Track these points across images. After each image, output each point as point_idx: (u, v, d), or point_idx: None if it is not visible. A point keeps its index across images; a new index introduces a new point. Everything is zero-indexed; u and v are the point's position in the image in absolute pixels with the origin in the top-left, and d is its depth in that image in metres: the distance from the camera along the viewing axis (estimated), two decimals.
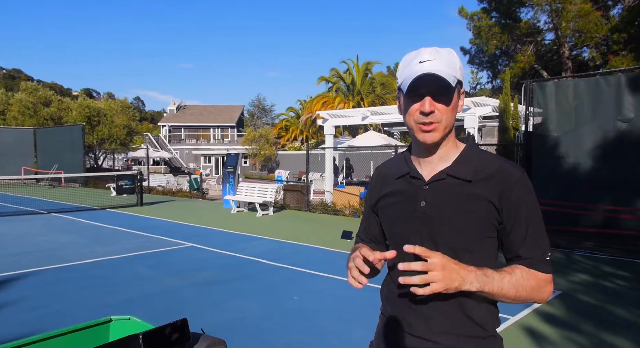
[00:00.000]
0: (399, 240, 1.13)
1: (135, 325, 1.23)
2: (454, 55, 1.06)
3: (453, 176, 1.07)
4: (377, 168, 1.30)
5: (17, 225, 8.87)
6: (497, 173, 1.05)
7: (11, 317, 3.74)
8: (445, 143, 1.10)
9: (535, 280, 1.03)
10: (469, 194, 1.05)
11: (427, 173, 1.11)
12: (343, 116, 12.81)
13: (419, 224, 1.08)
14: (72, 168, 19.01)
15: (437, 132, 1.05)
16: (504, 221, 1.04)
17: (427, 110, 1.03)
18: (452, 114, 1.06)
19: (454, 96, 1.05)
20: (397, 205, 1.14)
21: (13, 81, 66.41)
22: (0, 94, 26.67)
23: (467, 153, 1.10)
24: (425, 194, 1.09)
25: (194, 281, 4.92)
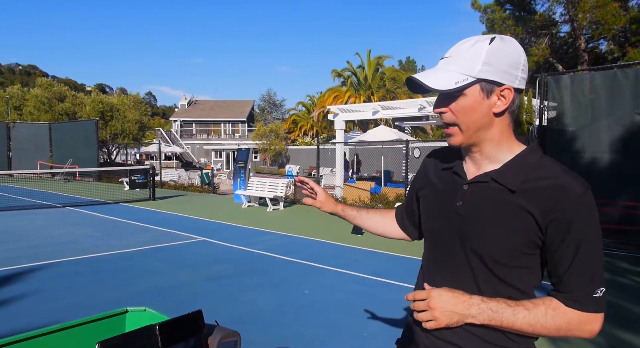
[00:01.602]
0: (431, 234, 1.11)
1: (151, 316, 1.24)
2: (483, 47, 0.92)
3: (497, 181, 0.97)
4: (431, 152, 1.23)
5: (34, 218, 9.04)
6: (552, 187, 0.90)
7: (31, 307, 3.83)
8: (486, 144, 0.99)
9: (566, 319, 0.91)
10: (509, 204, 0.93)
11: (472, 171, 1.03)
12: (354, 111, 12.76)
13: (452, 223, 1.02)
14: (86, 162, 19.31)
15: (455, 135, 0.99)
16: (548, 242, 0.92)
17: (434, 112, 1.02)
18: (472, 116, 0.95)
19: (470, 96, 0.94)
20: (435, 198, 1.10)
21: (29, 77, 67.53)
22: (17, 89, 27.13)
23: (522, 159, 0.97)
24: (463, 193, 1.01)
25: (206, 275, 4.97)
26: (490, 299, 0.94)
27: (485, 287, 0.98)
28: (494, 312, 0.92)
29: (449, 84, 0.93)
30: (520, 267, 0.95)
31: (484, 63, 0.92)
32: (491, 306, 0.92)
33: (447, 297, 0.94)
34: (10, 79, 66.79)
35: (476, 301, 0.93)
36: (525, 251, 0.93)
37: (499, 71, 0.93)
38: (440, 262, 1.06)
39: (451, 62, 0.96)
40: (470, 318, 0.93)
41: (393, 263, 5.57)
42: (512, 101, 0.95)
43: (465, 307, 0.93)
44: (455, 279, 1.01)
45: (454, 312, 0.93)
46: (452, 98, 0.96)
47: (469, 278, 0.99)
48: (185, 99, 45.66)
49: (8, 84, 39.08)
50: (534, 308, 0.92)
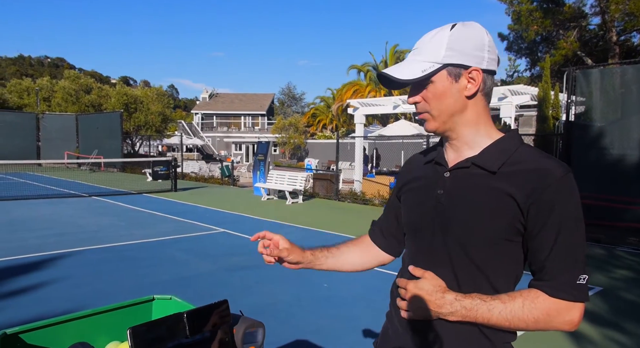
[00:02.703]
0: (412, 228, 1.08)
1: (176, 304, 1.27)
2: (445, 32, 0.94)
3: (478, 166, 0.96)
4: (410, 156, 1.24)
5: (62, 207, 9.35)
6: (532, 169, 0.90)
7: (58, 293, 3.97)
8: (463, 128, 0.98)
9: (545, 309, 0.87)
10: (490, 188, 0.92)
11: (452, 159, 1.02)
12: (374, 105, 12.66)
13: (432, 214, 1.00)
14: (111, 153, 19.79)
15: (430, 121, 0.99)
16: (529, 226, 0.89)
17: (409, 102, 1.02)
18: (445, 101, 0.96)
19: (438, 82, 0.95)
20: (417, 191, 1.07)
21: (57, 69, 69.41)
22: (46, 81, 27.95)
23: (502, 144, 0.97)
24: (444, 182, 1.00)
25: (226, 266, 5.05)
26: (465, 296, 0.91)
27: (463, 279, 0.95)
28: (467, 309, 0.90)
29: (416, 74, 0.95)
30: (502, 256, 0.93)
31: (447, 48, 0.93)
32: (465, 304, 0.90)
33: (425, 292, 0.93)
34: (39, 71, 68.88)
35: (449, 300, 0.91)
36: (507, 238, 0.91)
37: (464, 54, 0.93)
38: (422, 255, 1.03)
39: (418, 53, 0.97)
40: (443, 315, 0.92)
41: None
42: (483, 82, 0.95)
43: (438, 306, 0.92)
44: (437, 271, 0.98)
45: (427, 309, 0.93)
46: (422, 87, 0.97)
47: (447, 270, 0.97)
48: (207, 92, 46.18)
49: (37, 76, 40.31)
50: (511, 301, 0.89)
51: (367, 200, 11.08)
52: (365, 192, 11.65)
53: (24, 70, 73.77)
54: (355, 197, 11.45)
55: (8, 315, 3.43)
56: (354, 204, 10.97)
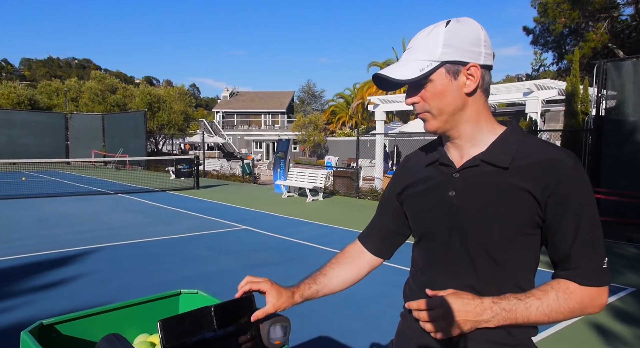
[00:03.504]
0: (424, 233, 1.03)
1: (202, 298, 1.29)
2: (440, 30, 0.92)
3: (488, 163, 0.94)
4: (406, 156, 1.18)
5: (90, 204, 9.64)
6: (542, 161, 0.89)
7: (87, 287, 4.10)
8: (464, 127, 0.96)
9: (578, 298, 0.88)
10: (505, 184, 0.91)
11: (458, 159, 1.00)
12: (395, 102, 12.54)
13: (447, 216, 0.97)
14: (136, 151, 20.27)
15: (430, 121, 0.97)
16: (548, 219, 0.89)
17: (407, 103, 0.99)
18: (444, 100, 0.93)
19: (437, 80, 0.93)
20: (424, 194, 1.03)
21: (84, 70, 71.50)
22: (74, 82, 28.85)
23: (507, 137, 0.96)
24: (454, 182, 0.97)
25: (248, 262, 5.11)
26: (501, 298, 0.88)
27: (487, 279, 0.93)
28: (507, 311, 0.87)
29: (414, 73, 0.92)
30: (522, 251, 0.92)
31: (444, 45, 0.91)
32: (504, 306, 0.87)
33: (458, 305, 0.88)
34: (67, 72, 71.14)
35: (488, 304, 0.88)
36: (527, 232, 0.91)
37: (461, 50, 0.91)
38: (437, 260, 1.00)
39: (413, 52, 0.95)
40: (484, 323, 0.88)
41: None
42: (482, 77, 0.93)
43: (478, 313, 0.87)
44: (454, 276, 0.96)
45: (467, 320, 0.87)
46: (420, 87, 0.95)
47: (469, 271, 0.94)
48: (227, 90, 46.72)
49: (66, 77, 41.63)
50: (545, 295, 0.88)
51: None
52: (386, 189, 11.56)
53: (53, 72, 76.38)
54: (375, 194, 11.39)
55: (42, 307, 3.57)
56: (375, 201, 10.91)
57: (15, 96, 25.76)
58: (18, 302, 3.66)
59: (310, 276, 1.16)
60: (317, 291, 1.14)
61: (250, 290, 1.03)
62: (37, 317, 3.29)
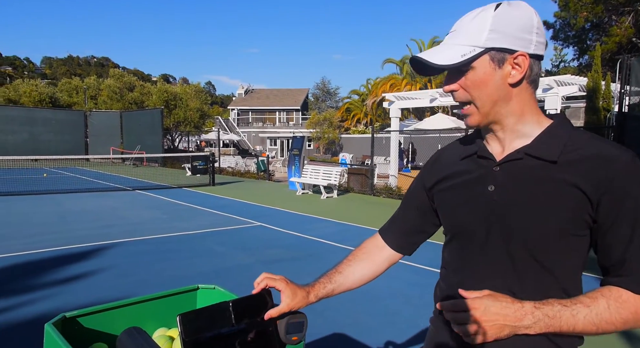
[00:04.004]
0: (459, 230, 0.96)
1: (220, 293, 1.30)
2: (489, 14, 0.84)
3: (533, 156, 0.87)
4: (438, 150, 1.12)
5: (108, 199, 9.83)
6: (594, 156, 0.82)
7: (106, 282, 4.18)
8: (508, 120, 0.90)
9: (633, 308, 0.79)
10: (553, 180, 0.84)
11: (498, 152, 0.93)
12: (410, 99, 12.42)
13: (485, 213, 0.90)
14: (153, 148, 20.59)
15: (472, 115, 0.90)
16: (600, 219, 0.82)
17: (445, 90, 0.92)
18: (486, 90, 0.87)
19: (480, 68, 0.86)
20: (459, 189, 0.96)
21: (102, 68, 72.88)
22: (93, 80, 29.42)
23: (554, 130, 0.89)
24: (494, 176, 0.90)
25: (262, 259, 5.14)
26: (544, 303, 0.81)
27: (528, 282, 0.87)
28: (550, 318, 0.79)
29: (454, 59, 0.85)
30: (568, 253, 0.85)
31: (490, 31, 0.84)
32: (547, 311, 0.79)
33: (496, 308, 0.80)
34: (87, 70, 72.61)
35: (529, 309, 0.80)
36: (575, 232, 0.83)
37: (509, 37, 0.84)
38: (473, 260, 0.93)
39: (456, 36, 0.88)
40: (523, 329, 0.80)
41: None
42: (529, 68, 0.86)
43: (518, 318, 0.80)
44: (491, 277, 0.89)
45: (505, 325, 0.79)
46: (461, 74, 0.88)
47: (508, 273, 0.88)
48: (242, 88, 47.01)
49: (85, 75, 42.50)
50: (594, 303, 0.80)
51: (403, 195, 10.89)
52: (400, 187, 11.49)
53: (73, 70, 78.05)
54: (390, 192, 11.33)
55: (64, 300, 3.66)
56: (389, 199, 10.85)
57: (37, 94, 26.42)
58: (41, 295, 3.76)
59: (326, 275, 1.13)
60: (332, 290, 1.11)
61: (267, 287, 1.02)
62: (59, 309, 3.37)
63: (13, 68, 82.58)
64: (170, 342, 1.14)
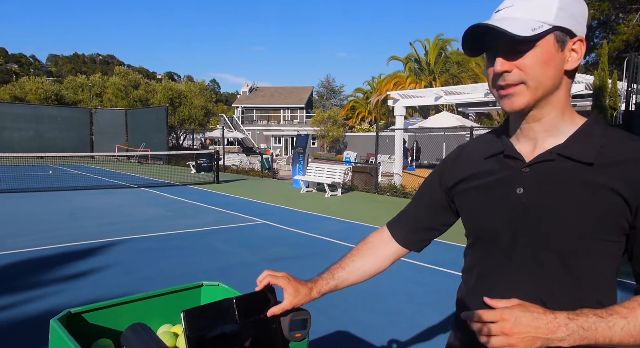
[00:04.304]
0: (483, 234, 0.91)
1: (224, 290, 1.30)
2: None
3: (566, 157, 0.82)
4: (459, 146, 1.06)
5: (113, 197, 9.88)
6: (634, 158, 0.77)
7: (111, 278, 4.21)
8: (549, 111, 0.84)
9: None
10: (588, 183, 0.79)
11: (528, 151, 0.87)
12: (415, 97, 12.39)
13: (512, 216, 0.85)
14: (157, 146, 20.67)
15: (519, 96, 0.81)
16: (639, 225, 0.78)
17: (498, 70, 0.81)
18: (546, 71, 0.80)
19: (544, 47, 0.79)
20: (483, 191, 0.91)
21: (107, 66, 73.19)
22: (98, 78, 29.55)
23: (589, 129, 0.83)
24: (523, 178, 0.85)
25: (266, 257, 5.15)
26: (578, 314, 0.75)
27: (560, 291, 0.82)
28: (585, 330, 0.74)
29: (524, 31, 0.77)
30: (603, 261, 0.81)
31: (559, 8, 0.78)
32: (581, 323, 0.74)
33: (527, 320, 0.75)
34: (92, 68, 72.98)
35: (563, 321, 0.74)
36: (611, 239, 0.79)
37: (573, 19, 0.79)
38: (498, 266, 0.89)
39: (516, 10, 0.80)
40: (557, 342, 0.75)
41: (454, 253, 5.40)
42: (583, 56, 0.81)
43: (551, 330, 0.74)
44: (519, 286, 0.85)
45: (536, 337, 0.74)
46: (517, 53, 0.80)
47: (538, 281, 0.84)
48: (247, 86, 47.04)
49: (90, 73, 42.72)
50: (631, 314, 0.74)
51: (407, 193, 10.90)
52: (405, 185, 11.47)
53: (78, 67, 78.46)
54: (394, 190, 11.31)
55: (69, 296, 3.68)
56: (394, 197, 10.84)
57: (43, 92, 26.58)
58: (47, 291, 3.79)
59: (329, 270, 1.11)
60: (335, 286, 1.09)
61: (269, 284, 1.01)
62: (65, 305, 3.40)
63: (19, 66, 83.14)
64: (175, 338, 1.15)
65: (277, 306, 0.99)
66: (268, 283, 1.01)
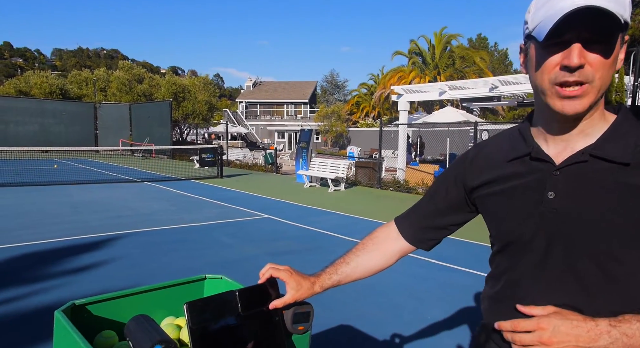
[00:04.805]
0: (513, 239, 0.87)
1: (227, 283, 1.31)
2: None
3: (600, 158, 0.77)
4: (476, 145, 1.00)
5: (118, 191, 9.93)
6: None
7: (115, 272, 4.24)
8: (591, 112, 0.78)
9: None
10: (625, 184, 0.74)
11: (557, 152, 0.82)
12: (419, 91, 12.32)
13: (544, 223, 0.81)
14: (161, 140, 20.72)
15: (585, 98, 0.74)
16: None
17: (576, 63, 0.72)
18: (610, 72, 0.74)
19: (616, 45, 0.73)
20: (509, 195, 0.86)
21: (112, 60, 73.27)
22: (103, 72, 29.59)
23: (621, 127, 0.79)
24: (554, 182, 0.80)
25: (270, 251, 5.17)
26: (620, 321, 0.71)
27: (599, 299, 0.78)
28: (629, 337, 0.70)
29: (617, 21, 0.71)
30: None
31: (629, 3, 0.71)
32: (624, 330, 0.70)
33: (566, 328, 0.71)
34: (96, 62, 73.09)
35: (605, 328, 0.70)
36: None
37: (629, 16, 0.72)
38: (531, 274, 0.84)
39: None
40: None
41: (457, 248, 5.40)
42: None
43: (592, 338, 0.70)
44: (555, 294, 0.80)
45: (578, 346, 0.70)
46: (601, 45, 0.72)
47: (575, 289, 0.79)
48: (251, 80, 46.98)
49: (95, 67, 42.78)
50: None
51: (411, 189, 10.89)
52: (408, 180, 11.45)
53: (82, 62, 78.60)
54: (398, 185, 11.30)
55: (74, 289, 3.72)
56: (397, 192, 10.83)
57: (47, 86, 26.66)
58: (52, 284, 3.82)
59: (333, 265, 1.09)
60: (338, 281, 1.08)
61: (272, 277, 1.01)
62: (70, 297, 3.43)
63: (24, 60, 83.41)
64: (178, 330, 1.15)
65: (279, 299, 1.00)
66: (270, 276, 1.01)
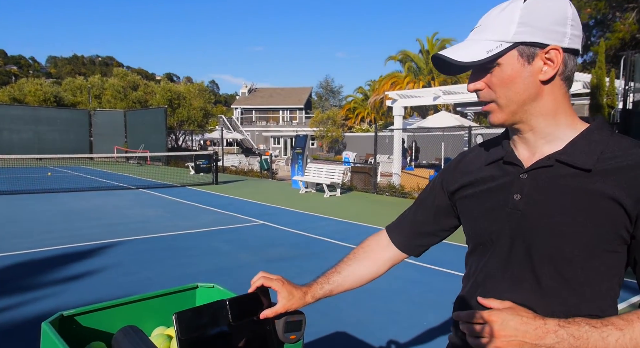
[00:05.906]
0: (481, 239, 0.91)
1: (219, 292, 1.30)
2: (517, 4, 0.78)
3: (564, 163, 0.80)
4: (462, 152, 1.06)
5: (112, 198, 9.87)
6: (635, 165, 0.75)
7: (108, 280, 4.20)
8: (538, 120, 0.83)
9: None
10: (586, 190, 0.77)
11: (527, 157, 0.86)
12: (413, 96, 12.38)
13: (509, 223, 0.84)
14: (156, 147, 20.64)
15: (495, 113, 0.84)
16: (639, 235, 0.75)
17: (470, 89, 0.87)
18: (513, 86, 0.80)
19: (507, 64, 0.80)
20: (482, 197, 0.91)
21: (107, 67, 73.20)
22: (97, 79, 29.53)
23: (590, 135, 0.81)
24: (521, 184, 0.84)
25: (265, 257, 5.14)
26: (569, 322, 0.72)
27: (555, 302, 0.80)
28: (576, 338, 0.70)
29: (479, 55, 0.79)
30: (602, 271, 0.78)
31: (519, 24, 0.78)
32: (572, 331, 0.71)
33: (515, 323, 0.73)
34: (91, 69, 72.97)
35: (552, 327, 0.72)
36: (610, 249, 0.77)
37: (541, 30, 0.77)
38: (494, 271, 0.87)
39: (482, 31, 0.82)
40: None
41: (453, 252, 5.38)
42: (563, 63, 0.79)
43: (539, 336, 0.72)
44: (515, 294, 0.83)
45: (523, 342, 0.72)
46: (485, 71, 0.83)
47: (532, 289, 0.81)
48: (246, 87, 47.02)
49: (89, 74, 42.68)
50: (628, 326, 0.70)
51: (406, 193, 10.90)
52: (404, 185, 11.47)
53: (77, 69, 78.46)
54: (393, 190, 11.31)
55: (65, 299, 3.67)
56: (392, 197, 10.83)
57: (42, 93, 26.55)
58: (42, 294, 3.78)
59: (325, 274, 1.09)
60: (330, 291, 1.08)
61: (263, 286, 1.00)
62: (60, 308, 3.38)
63: (18, 67, 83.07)
64: (169, 341, 1.14)
65: (270, 309, 0.98)
66: (262, 285, 1.00)
